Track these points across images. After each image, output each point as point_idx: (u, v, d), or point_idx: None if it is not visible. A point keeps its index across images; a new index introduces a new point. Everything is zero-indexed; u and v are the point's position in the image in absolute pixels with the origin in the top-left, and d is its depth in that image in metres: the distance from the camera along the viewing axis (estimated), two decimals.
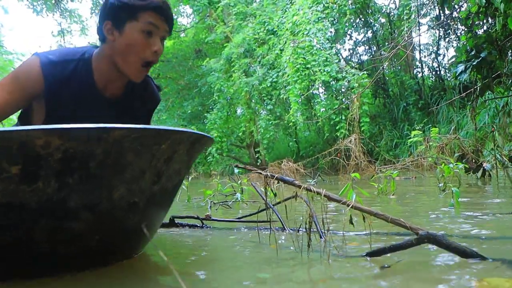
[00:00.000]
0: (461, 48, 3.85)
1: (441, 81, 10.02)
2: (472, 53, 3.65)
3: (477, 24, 4.04)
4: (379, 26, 11.11)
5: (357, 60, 11.78)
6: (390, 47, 6.75)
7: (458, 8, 5.13)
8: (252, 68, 9.70)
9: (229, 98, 10.30)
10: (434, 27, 9.87)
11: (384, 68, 9.69)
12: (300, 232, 1.42)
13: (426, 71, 10.84)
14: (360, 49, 11.91)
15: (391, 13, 10.62)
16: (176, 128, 0.95)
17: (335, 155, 6.26)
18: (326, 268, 0.97)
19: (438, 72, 10.44)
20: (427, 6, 9.36)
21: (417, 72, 10.84)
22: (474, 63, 3.60)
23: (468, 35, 3.92)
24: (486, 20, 3.92)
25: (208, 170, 12.71)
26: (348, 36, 11.58)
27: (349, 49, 12.09)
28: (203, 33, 13.79)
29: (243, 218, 1.82)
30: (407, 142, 7.50)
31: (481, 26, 4.16)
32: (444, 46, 10.41)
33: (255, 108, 9.96)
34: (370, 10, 10.55)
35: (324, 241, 1.21)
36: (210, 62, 10.76)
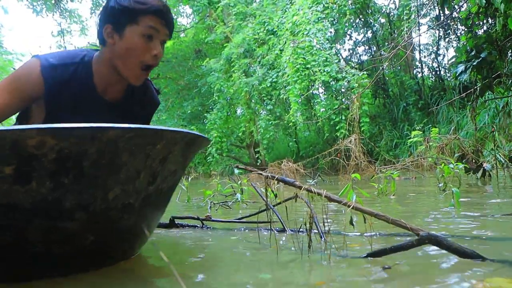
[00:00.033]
0: (461, 49, 3.86)
1: (441, 81, 10.02)
2: (472, 53, 3.66)
3: (477, 24, 4.05)
4: (379, 26, 11.12)
5: (357, 60, 11.79)
6: (390, 48, 6.75)
7: (458, 9, 5.13)
8: (252, 68, 9.70)
9: (229, 98, 10.30)
10: (434, 27, 9.87)
11: (384, 68, 9.69)
12: (301, 233, 1.42)
13: (426, 71, 10.87)
14: (360, 49, 11.94)
15: (391, 13, 10.63)
16: (171, 128, 0.94)
17: (335, 155, 6.26)
18: (326, 269, 0.96)
19: (438, 72, 10.45)
20: (427, 6, 9.36)
21: (417, 72, 10.85)
22: (474, 63, 3.60)
23: (468, 35, 3.93)
24: (486, 20, 3.93)
25: (208, 170, 12.72)
26: (348, 36, 11.60)
27: (349, 49, 12.13)
28: (203, 33, 13.80)
29: (244, 218, 1.81)
30: (407, 142, 7.51)
31: (481, 26, 4.17)
32: (444, 46, 10.43)
33: (255, 108, 9.95)
34: (370, 10, 10.56)
35: (324, 242, 1.21)
36: (210, 62, 10.77)
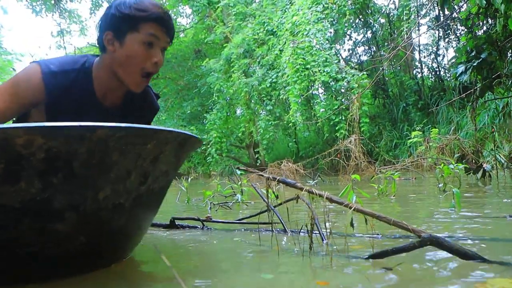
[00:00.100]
0: (461, 49, 3.86)
1: (440, 81, 10.03)
2: (472, 54, 3.66)
3: (477, 25, 4.05)
4: (378, 26, 11.12)
5: (356, 61, 11.80)
6: (390, 48, 6.75)
7: (458, 9, 5.14)
8: (251, 69, 9.69)
9: (228, 99, 10.30)
10: (434, 28, 9.87)
11: (384, 68, 9.69)
12: (302, 234, 1.42)
13: (426, 72, 10.87)
14: (360, 49, 11.95)
15: (391, 13, 10.63)
16: (162, 127, 0.93)
17: (335, 156, 6.26)
18: (328, 271, 0.97)
19: (438, 73, 10.46)
20: (426, 7, 9.37)
21: (416, 73, 10.86)
22: (475, 64, 3.60)
23: (468, 36, 3.93)
24: (486, 21, 3.93)
25: (207, 170, 12.71)
26: (347, 36, 11.60)
27: (348, 49, 12.13)
28: (203, 33, 13.79)
29: (244, 219, 1.81)
30: (407, 143, 7.51)
31: (481, 27, 4.17)
32: (443, 46, 10.44)
33: (254, 108, 9.94)
34: (370, 11, 10.56)
35: (326, 243, 1.21)
36: (209, 62, 10.76)
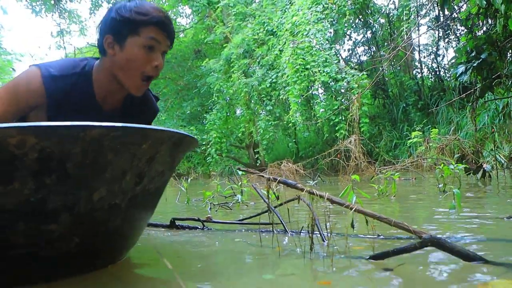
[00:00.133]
0: (461, 49, 3.86)
1: (440, 81, 10.03)
2: (472, 54, 3.66)
3: (477, 25, 4.05)
4: (378, 26, 11.12)
5: (356, 61, 11.80)
6: (390, 49, 6.76)
7: (458, 9, 5.14)
8: (251, 69, 9.69)
9: (228, 99, 10.29)
10: (434, 28, 9.88)
11: (384, 69, 9.69)
12: (302, 234, 1.42)
13: (426, 72, 10.87)
14: (360, 49, 11.94)
15: (391, 13, 10.63)
16: (157, 127, 0.92)
17: (335, 156, 6.26)
18: (329, 271, 0.97)
19: (438, 73, 10.46)
20: (426, 7, 9.37)
21: (416, 73, 10.85)
22: (475, 64, 3.60)
23: (468, 36, 3.93)
24: (486, 21, 3.93)
25: (207, 170, 12.70)
26: (347, 36, 11.59)
27: (348, 49, 12.13)
28: (202, 33, 13.78)
29: (245, 220, 1.81)
30: (407, 143, 7.51)
31: (481, 27, 4.17)
32: (443, 46, 10.44)
33: (254, 108, 9.94)
34: (370, 11, 10.56)
35: (326, 244, 1.21)
36: (209, 62, 10.75)
